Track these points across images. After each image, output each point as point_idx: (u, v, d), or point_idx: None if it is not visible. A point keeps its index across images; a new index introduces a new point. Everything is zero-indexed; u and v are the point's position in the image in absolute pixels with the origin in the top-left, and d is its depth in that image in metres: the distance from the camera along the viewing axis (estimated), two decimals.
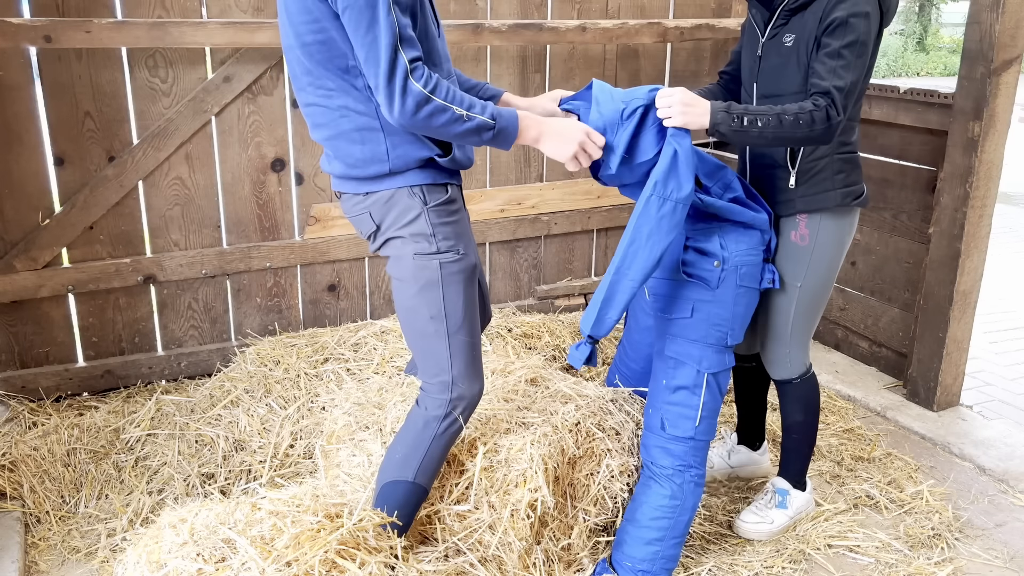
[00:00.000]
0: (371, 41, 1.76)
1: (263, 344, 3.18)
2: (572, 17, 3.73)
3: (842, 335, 3.81)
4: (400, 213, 1.99)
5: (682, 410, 2.26)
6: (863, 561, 2.44)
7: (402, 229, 1.99)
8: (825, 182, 2.27)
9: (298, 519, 1.72)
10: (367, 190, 2.00)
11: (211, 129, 3.20)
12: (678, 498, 2.24)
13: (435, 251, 1.99)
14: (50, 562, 2.36)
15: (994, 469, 2.90)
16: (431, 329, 2.02)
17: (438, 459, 2.06)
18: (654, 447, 2.28)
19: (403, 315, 2.08)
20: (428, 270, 2.00)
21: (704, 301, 2.24)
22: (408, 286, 2.03)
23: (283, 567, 1.62)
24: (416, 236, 1.99)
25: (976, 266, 3.22)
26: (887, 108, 3.43)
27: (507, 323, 3.42)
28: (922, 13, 21.10)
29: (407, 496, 2.01)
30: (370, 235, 2.06)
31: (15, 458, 2.63)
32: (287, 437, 2.68)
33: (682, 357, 2.26)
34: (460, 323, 2.03)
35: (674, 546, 2.25)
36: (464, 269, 2.03)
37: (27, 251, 3.00)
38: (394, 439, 2.08)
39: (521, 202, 3.83)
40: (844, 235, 2.35)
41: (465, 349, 2.05)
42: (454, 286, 2.02)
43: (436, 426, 2.03)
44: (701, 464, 2.29)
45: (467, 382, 2.05)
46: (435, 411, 2.03)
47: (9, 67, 2.85)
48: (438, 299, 2.01)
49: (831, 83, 2.04)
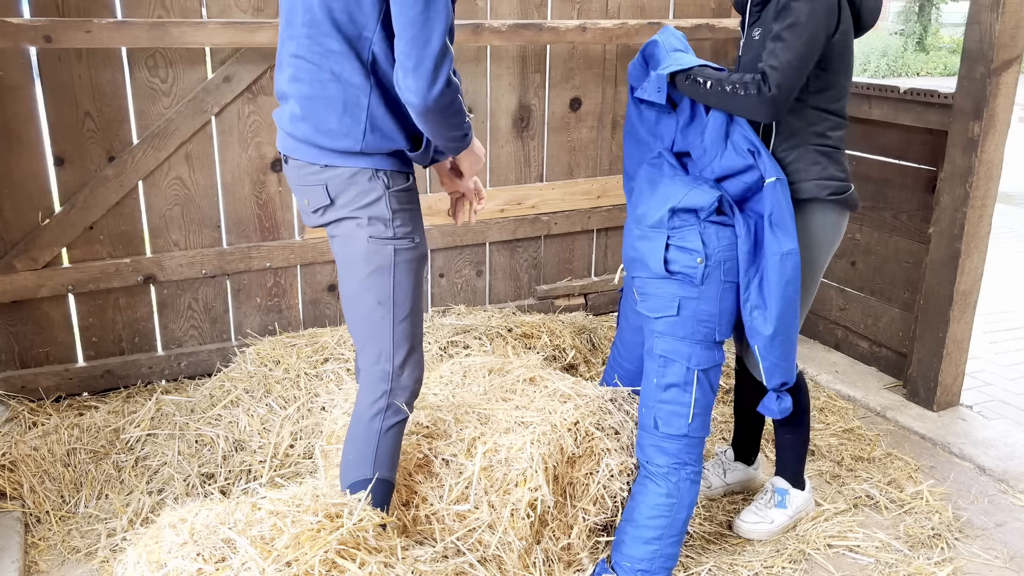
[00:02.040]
0: (425, 21, 1.76)
1: (263, 344, 3.18)
2: (572, 17, 3.73)
3: (842, 335, 3.81)
4: (360, 193, 1.97)
5: (674, 408, 2.26)
6: (863, 561, 2.44)
7: (360, 210, 1.98)
8: (798, 172, 2.27)
9: (298, 519, 1.72)
10: (328, 162, 1.96)
11: (211, 129, 3.20)
12: (674, 496, 2.25)
13: (391, 236, 1.99)
14: (50, 562, 2.36)
15: (994, 469, 2.90)
16: (377, 315, 2.02)
17: (392, 449, 2.05)
18: (649, 446, 2.29)
19: (348, 298, 2.07)
20: (381, 255, 1.99)
21: (690, 298, 2.25)
22: (358, 269, 2.02)
23: (283, 567, 1.62)
24: (374, 219, 1.98)
25: (976, 266, 3.22)
26: (887, 108, 3.43)
27: (507, 323, 3.42)
28: (922, 13, 21.09)
29: (372, 493, 2.00)
30: (318, 209, 2.03)
31: (15, 458, 2.63)
32: (287, 437, 2.68)
33: (671, 355, 2.27)
34: (407, 311, 2.04)
35: (673, 544, 2.25)
36: (416, 258, 2.04)
37: (27, 251, 3.00)
38: (346, 439, 2.07)
39: (521, 202, 3.83)
40: (823, 234, 2.32)
41: (408, 338, 2.05)
42: (404, 273, 2.02)
43: (381, 419, 2.03)
44: (696, 461, 2.29)
45: (408, 370, 2.05)
46: (378, 404, 2.03)
47: (9, 67, 2.85)
48: (387, 285, 2.01)
49: (767, 63, 2.13)
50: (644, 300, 2.32)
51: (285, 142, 2.03)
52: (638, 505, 2.27)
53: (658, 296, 2.28)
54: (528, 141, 3.81)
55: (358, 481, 2.01)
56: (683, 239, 2.23)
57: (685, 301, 2.24)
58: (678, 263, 2.23)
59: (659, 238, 2.25)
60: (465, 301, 3.87)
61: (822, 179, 2.27)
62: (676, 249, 2.24)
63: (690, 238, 2.22)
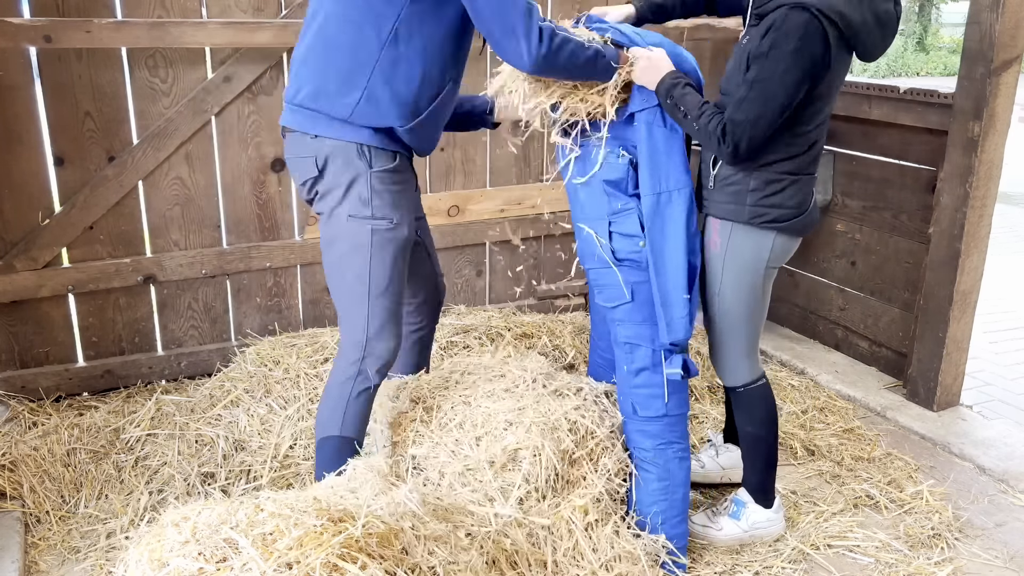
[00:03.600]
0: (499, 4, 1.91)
1: (263, 344, 3.18)
2: (572, 16, 3.72)
3: (842, 335, 3.82)
4: (344, 167, 2.03)
5: (649, 391, 2.30)
6: (863, 561, 2.44)
7: (342, 185, 2.04)
8: (738, 195, 2.18)
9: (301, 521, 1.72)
10: (318, 132, 2.03)
11: (211, 129, 3.19)
12: (666, 478, 2.30)
13: (369, 215, 2.05)
14: (50, 562, 2.36)
15: (994, 469, 2.90)
16: (354, 291, 2.10)
17: (360, 413, 2.16)
18: (633, 432, 2.34)
19: (329, 271, 2.16)
20: (360, 234, 2.06)
21: (641, 282, 2.28)
22: (339, 245, 2.10)
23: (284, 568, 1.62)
24: (354, 196, 2.04)
25: (976, 266, 3.22)
26: (887, 108, 3.43)
27: (507, 323, 3.42)
28: (922, 13, 21.12)
29: (338, 449, 2.12)
30: (306, 181, 2.09)
31: (15, 458, 2.63)
32: (287, 438, 2.68)
33: (635, 340, 2.30)
34: (383, 289, 2.11)
35: (679, 523, 2.31)
36: (395, 239, 2.09)
37: (27, 251, 3.00)
38: (322, 396, 2.20)
39: (521, 202, 3.83)
40: (756, 256, 2.23)
41: (383, 314, 2.13)
42: (382, 254, 2.08)
43: (351, 384, 2.13)
44: (681, 438, 2.33)
45: (380, 341, 2.14)
46: (349, 369, 2.13)
47: (9, 67, 2.85)
48: (364, 262, 2.08)
49: (731, 114, 2.05)
50: (600, 291, 2.37)
51: (286, 115, 2.11)
52: (638, 499, 2.32)
53: (611, 285, 2.32)
54: (528, 141, 3.81)
55: (327, 437, 2.13)
56: (622, 226, 2.26)
57: (637, 286, 2.29)
58: (623, 250, 2.27)
59: (602, 227, 2.29)
60: (465, 301, 3.87)
61: (758, 206, 2.17)
62: (619, 237, 2.27)
63: (629, 224, 2.25)
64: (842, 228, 3.76)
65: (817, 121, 2.14)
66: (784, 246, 2.26)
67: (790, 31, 1.97)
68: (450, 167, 3.66)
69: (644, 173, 2.19)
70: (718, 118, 2.06)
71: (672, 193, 2.18)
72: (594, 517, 2.22)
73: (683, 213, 2.19)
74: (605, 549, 2.16)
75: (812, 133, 2.15)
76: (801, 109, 2.09)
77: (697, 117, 2.07)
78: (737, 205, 2.19)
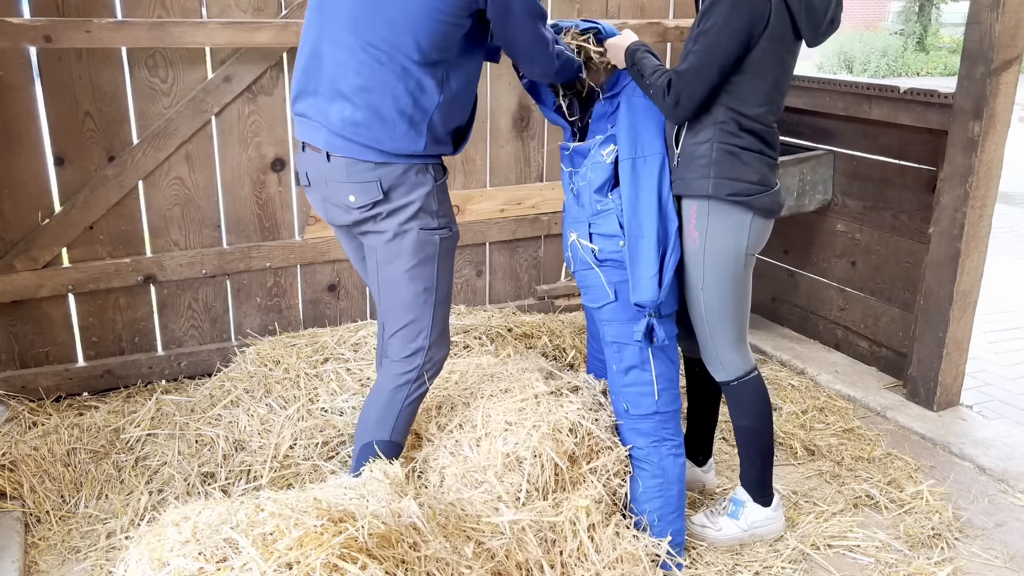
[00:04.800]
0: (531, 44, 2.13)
1: (263, 344, 3.18)
2: (572, 17, 3.73)
3: (842, 335, 3.82)
4: (412, 187, 2.09)
5: (639, 388, 2.32)
6: (863, 561, 2.44)
7: (411, 203, 2.09)
8: (700, 169, 2.21)
9: (301, 521, 1.72)
10: (383, 160, 2.05)
11: (211, 129, 3.19)
12: (660, 475, 2.31)
13: (437, 226, 2.13)
14: (50, 562, 2.36)
15: (994, 469, 2.90)
16: (420, 301, 2.15)
17: (410, 417, 2.21)
18: (626, 431, 2.36)
19: (390, 289, 2.17)
20: (430, 245, 2.13)
21: (623, 281, 2.30)
22: (404, 260, 2.13)
23: (284, 568, 1.62)
24: (423, 212, 2.10)
25: (976, 266, 3.22)
26: (887, 108, 3.43)
27: (507, 323, 3.42)
28: (922, 13, 21.10)
29: (386, 453, 2.15)
30: (366, 204, 2.09)
31: (15, 458, 2.63)
32: (287, 438, 2.68)
33: (622, 339, 2.31)
34: (447, 295, 2.20)
35: (675, 520, 2.32)
36: (455, 245, 2.21)
37: (27, 251, 3.00)
38: (366, 403, 2.21)
39: (521, 202, 3.83)
40: (736, 243, 2.24)
41: (444, 320, 2.21)
42: (447, 260, 2.18)
43: (408, 389, 2.18)
44: (675, 435, 2.34)
45: (438, 348, 2.21)
46: (407, 376, 2.17)
47: (9, 67, 2.85)
48: (432, 273, 2.15)
49: (676, 67, 2.16)
50: (586, 292, 2.39)
51: (332, 141, 2.06)
52: (633, 498, 2.34)
53: (595, 286, 2.34)
54: (528, 141, 3.81)
55: (375, 441, 2.15)
56: (602, 227, 2.29)
57: (620, 285, 2.30)
58: (604, 250, 2.30)
59: (583, 229, 2.33)
60: (465, 301, 3.87)
61: (720, 178, 2.19)
62: (600, 237, 2.30)
63: (608, 224, 2.28)
64: (842, 228, 3.76)
65: (768, 104, 2.19)
66: (760, 230, 2.26)
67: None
68: (450, 167, 3.66)
69: (622, 140, 2.28)
70: (668, 75, 2.16)
71: (647, 158, 2.27)
72: (596, 518, 2.22)
73: (655, 176, 2.26)
74: (608, 550, 2.16)
75: (763, 115, 2.19)
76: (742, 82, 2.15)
77: (649, 74, 2.20)
78: (701, 179, 2.21)
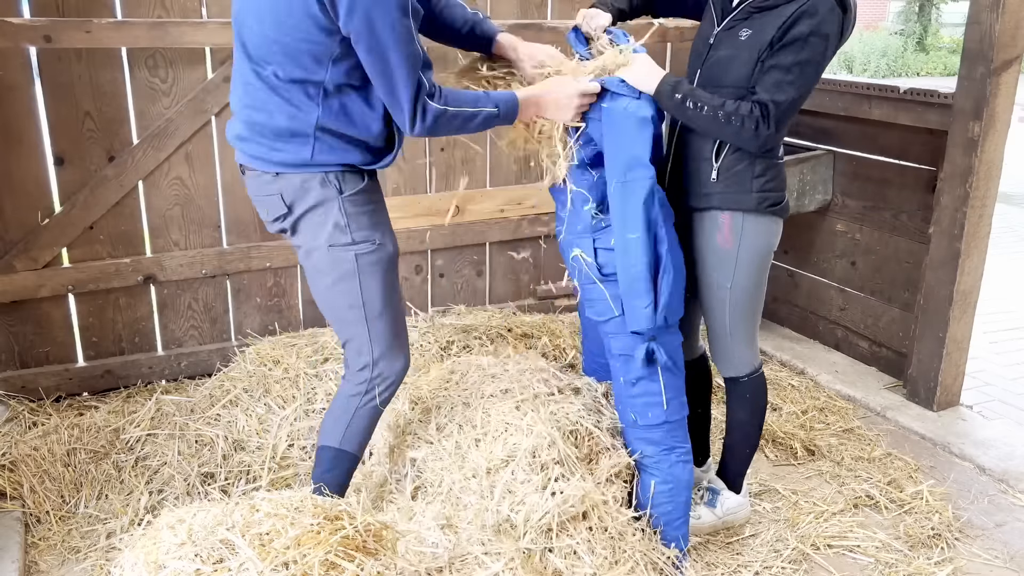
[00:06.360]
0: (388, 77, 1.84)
1: (263, 344, 3.18)
2: (572, 17, 3.72)
3: (842, 335, 3.81)
4: (314, 200, 1.97)
5: (647, 399, 2.30)
6: (863, 561, 2.44)
7: (315, 217, 1.98)
8: (745, 183, 2.20)
9: (297, 521, 1.72)
10: (278, 170, 1.97)
11: (211, 129, 3.19)
12: (670, 481, 2.31)
13: (350, 242, 1.98)
14: (50, 562, 2.36)
15: (994, 469, 2.90)
16: (350, 316, 2.06)
17: (363, 429, 2.15)
18: (635, 440, 2.35)
19: (321, 301, 2.11)
20: (345, 261, 1.99)
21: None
22: (324, 276, 2.03)
23: (281, 568, 1.62)
24: (333, 227, 1.97)
25: (976, 266, 3.22)
26: (887, 108, 3.43)
27: (507, 323, 3.42)
28: (922, 13, 21.09)
29: (335, 460, 2.12)
30: (277, 218, 2.03)
31: (15, 458, 2.63)
32: (285, 438, 2.68)
33: (629, 351, 2.28)
34: (380, 310, 2.05)
35: (681, 525, 2.32)
36: (381, 259, 2.03)
37: (27, 251, 3.00)
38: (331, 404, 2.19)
39: (521, 202, 3.83)
40: (767, 241, 2.28)
41: (385, 334, 2.08)
42: (371, 276, 2.02)
43: (357, 401, 2.12)
44: (683, 441, 2.34)
45: (387, 362, 2.11)
46: (356, 388, 2.11)
47: (9, 67, 2.85)
48: (355, 289, 2.02)
49: (771, 96, 2.05)
50: (590, 306, 2.36)
51: (238, 156, 2.06)
52: (643, 502, 2.32)
53: (600, 300, 2.31)
54: None
55: (325, 447, 2.13)
56: (605, 241, 2.26)
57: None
58: (608, 265, 2.27)
59: (587, 244, 2.29)
60: (465, 301, 3.87)
61: (764, 191, 2.21)
62: (603, 252, 2.27)
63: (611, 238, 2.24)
64: (842, 228, 3.76)
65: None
66: (774, 230, 2.30)
67: (826, 17, 2.03)
68: (450, 167, 3.66)
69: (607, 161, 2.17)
70: (749, 103, 2.06)
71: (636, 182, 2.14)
72: (597, 518, 2.21)
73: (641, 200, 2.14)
74: (610, 551, 2.16)
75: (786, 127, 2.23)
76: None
77: (720, 106, 2.06)
78: (742, 193, 2.21)
